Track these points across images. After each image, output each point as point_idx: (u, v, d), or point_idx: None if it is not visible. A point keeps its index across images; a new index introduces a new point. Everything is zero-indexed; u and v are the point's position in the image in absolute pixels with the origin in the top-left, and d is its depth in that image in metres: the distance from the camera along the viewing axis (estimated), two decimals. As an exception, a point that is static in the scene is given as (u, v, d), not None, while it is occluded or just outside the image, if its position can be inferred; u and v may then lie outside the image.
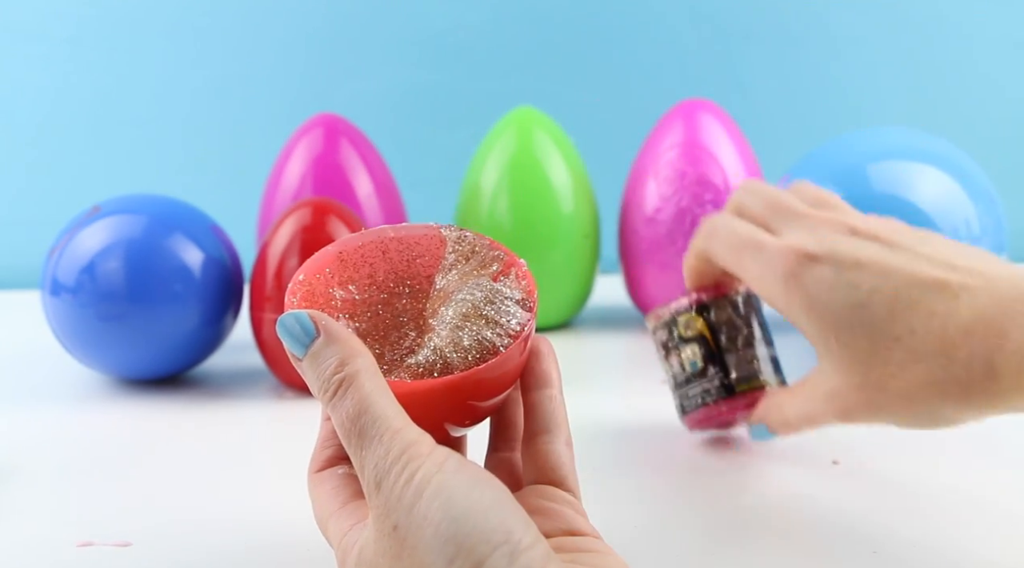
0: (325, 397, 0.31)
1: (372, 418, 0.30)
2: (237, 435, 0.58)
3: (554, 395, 0.37)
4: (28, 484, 0.51)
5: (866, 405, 0.40)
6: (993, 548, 0.42)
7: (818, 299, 0.41)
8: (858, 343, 0.40)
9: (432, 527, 0.28)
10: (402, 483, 0.29)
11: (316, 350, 0.32)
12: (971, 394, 0.37)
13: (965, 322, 0.37)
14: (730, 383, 0.50)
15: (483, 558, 0.27)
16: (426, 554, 0.28)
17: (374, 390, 0.31)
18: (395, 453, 0.29)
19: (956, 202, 0.63)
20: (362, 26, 1.03)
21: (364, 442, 0.30)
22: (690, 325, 0.50)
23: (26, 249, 0.96)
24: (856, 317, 0.39)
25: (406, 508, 0.28)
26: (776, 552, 0.42)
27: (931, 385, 0.38)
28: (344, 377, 0.31)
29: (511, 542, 0.28)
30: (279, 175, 0.78)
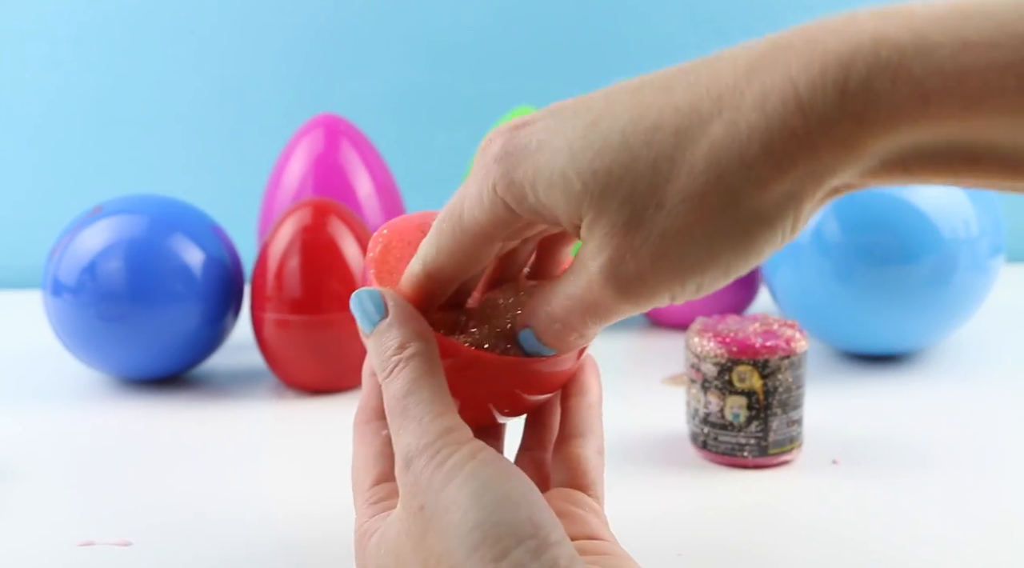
0: (383, 374, 0.32)
1: (417, 400, 0.31)
2: (237, 435, 0.58)
3: (592, 403, 0.38)
4: (28, 484, 0.51)
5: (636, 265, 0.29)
6: (992, 548, 0.42)
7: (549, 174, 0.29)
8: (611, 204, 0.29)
9: (460, 512, 0.28)
10: (433, 466, 0.29)
11: (382, 329, 0.32)
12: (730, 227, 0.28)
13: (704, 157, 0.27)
14: (766, 445, 0.50)
15: (508, 549, 0.27)
16: (450, 538, 0.28)
17: (425, 374, 0.31)
18: (431, 436, 0.30)
19: (955, 202, 0.63)
20: (362, 26, 1.03)
21: (403, 422, 0.30)
22: (745, 378, 0.49)
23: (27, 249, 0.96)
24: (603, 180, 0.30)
25: (435, 490, 0.29)
26: (776, 551, 0.42)
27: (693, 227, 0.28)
28: (401, 358, 0.31)
29: (538, 537, 0.27)
30: (279, 175, 0.78)
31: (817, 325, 0.67)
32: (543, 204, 0.29)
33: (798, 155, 0.25)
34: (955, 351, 0.71)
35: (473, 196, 0.31)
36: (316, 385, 0.64)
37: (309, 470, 0.52)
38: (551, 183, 0.28)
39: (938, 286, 0.63)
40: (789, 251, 0.66)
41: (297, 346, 0.62)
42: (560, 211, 0.29)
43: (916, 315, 0.64)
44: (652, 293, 0.29)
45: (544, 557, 0.27)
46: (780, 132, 0.25)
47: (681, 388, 0.63)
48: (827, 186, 0.27)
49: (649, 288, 0.28)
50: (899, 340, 0.66)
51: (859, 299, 0.64)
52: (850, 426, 0.57)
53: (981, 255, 0.63)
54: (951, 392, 0.63)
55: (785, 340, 0.49)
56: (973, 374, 0.66)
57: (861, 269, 0.63)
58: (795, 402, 0.50)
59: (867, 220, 0.63)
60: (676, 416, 0.57)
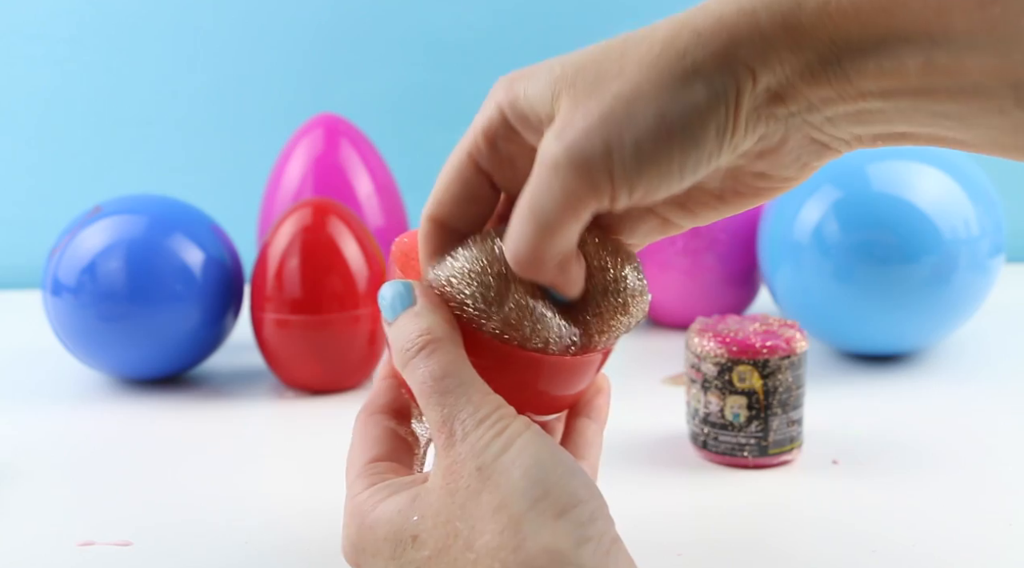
0: (407, 355, 0.32)
1: (458, 380, 0.31)
2: (237, 435, 0.58)
3: (598, 430, 0.38)
4: (28, 484, 0.51)
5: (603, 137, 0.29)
6: (992, 548, 0.42)
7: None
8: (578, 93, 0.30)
9: (521, 469, 0.29)
10: (492, 434, 0.30)
11: (408, 315, 0.33)
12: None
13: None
14: (766, 445, 0.50)
15: (569, 507, 0.29)
16: (511, 491, 0.29)
17: (460, 359, 0.32)
18: (486, 411, 0.31)
19: (956, 202, 0.63)
20: (362, 26, 1.03)
21: (448, 400, 0.31)
22: (745, 378, 0.49)
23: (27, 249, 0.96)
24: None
25: (494, 453, 0.30)
26: (776, 551, 0.42)
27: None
28: (430, 339, 0.32)
29: (593, 503, 0.29)
30: (279, 175, 0.78)
31: (817, 325, 0.67)
32: (529, 101, 0.31)
33: (742, 24, 0.28)
34: (955, 351, 0.71)
35: (473, 123, 0.33)
36: (316, 385, 0.64)
37: (309, 470, 0.52)
38: (538, 78, 0.31)
39: (938, 286, 0.62)
40: (789, 251, 0.66)
41: (297, 346, 0.62)
42: (539, 101, 0.31)
43: (916, 315, 0.64)
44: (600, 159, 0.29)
45: (599, 522, 0.29)
46: (731, 13, 0.28)
47: (681, 388, 0.63)
48: (770, 72, 0.28)
49: (596, 150, 0.29)
50: (899, 340, 0.66)
51: (859, 299, 0.64)
52: (850, 426, 0.57)
53: (981, 255, 0.63)
54: (951, 392, 0.63)
55: (785, 340, 0.49)
56: (973, 374, 0.66)
57: (861, 269, 0.63)
58: (795, 402, 0.50)
59: (867, 220, 0.63)
60: (676, 416, 0.57)
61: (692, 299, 0.75)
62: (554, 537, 0.28)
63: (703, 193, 0.33)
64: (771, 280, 0.70)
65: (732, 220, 0.74)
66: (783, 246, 0.67)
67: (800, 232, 0.65)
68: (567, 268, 0.32)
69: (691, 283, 0.75)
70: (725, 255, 0.74)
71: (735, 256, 0.74)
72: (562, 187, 0.29)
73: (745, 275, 0.75)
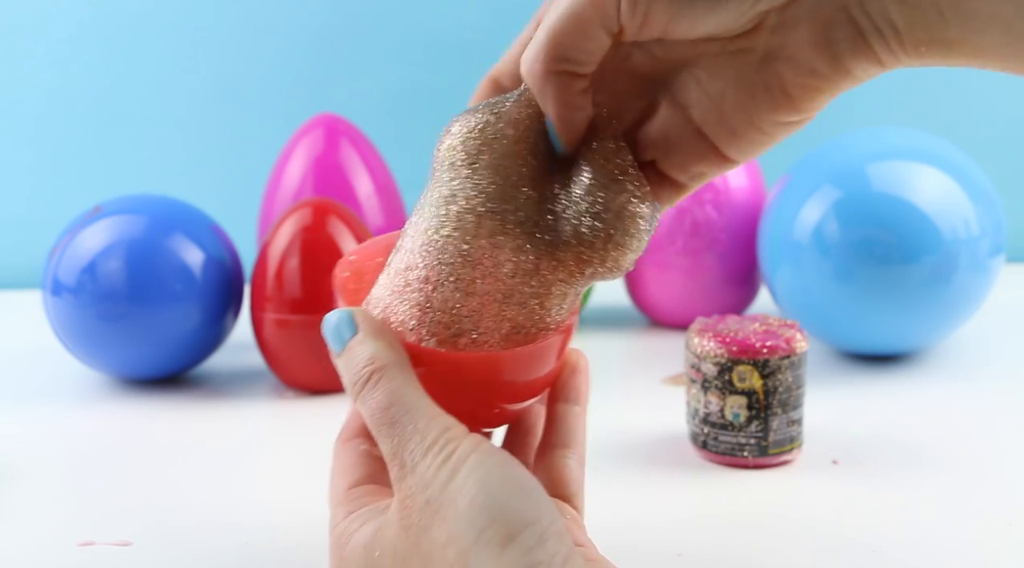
0: (354, 389, 0.32)
1: (404, 408, 0.31)
2: (237, 435, 0.58)
3: (580, 413, 0.38)
4: (28, 484, 0.51)
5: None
6: (993, 548, 0.42)
7: None
8: None
9: (466, 498, 0.28)
10: (439, 462, 0.29)
11: (352, 345, 0.33)
12: None
13: None
14: (766, 445, 0.50)
15: (515, 533, 0.28)
16: (457, 523, 0.28)
17: (405, 383, 0.31)
18: (432, 437, 0.30)
19: (956, 202, 0.63)
20: (362, 26, 1.03)
21: (396, 430, 0.31)
22: (745, 378, 0.49)
23: (27, 249, 0.96)
24: None
25: (441, 484, 0.29)
26: (776, 551, 0.42)
27: None
28: (374, 370, 0.32)
29: (542, 523, 0.28)
30: (279, 175, 0.78)
31: (817, 325, 0.67)
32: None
33: None
34: (955, 351, 0.71)
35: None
36: (316, 385, 0.64)
37: (309, 470, 0.52)
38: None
39: (938, 286, 0.63)
40: (789, 251, 0.66)
41: (297, 346, 0.62)
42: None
43: (916, 315, 0.64)
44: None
45: (548, 544, 0.28)
46: None
47: (681, 388, 0.63)
48: None
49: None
50: (899, 340, 0.66)
51: (859, 299, 0.64)
52: (850, 426, 0.57)
53: (981, 255, 0.63)
54: (951, 392, 0.63)
55: (785, 340, 0.49)
56: (973, 374, 0.66)
57: (861, 269, 0.63)
58: (795, 402, 0.50)
59: (867, 220, 0.63)
60: (676, 416, 0.57)
61: (692, 299, 0.75)
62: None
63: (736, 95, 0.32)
64: (771, 280, 0.70)
65: (732, 220, 0.74)
66: (783, 246, 0.67)
67: (800, 232, 0.65)
68: (570, 95, 0.32)
69: (691, 283, 0.75)
70: (725, 255, 0.74)
71: (735, 256, 0.74)
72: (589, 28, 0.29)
73: (745, 275, 0.75)
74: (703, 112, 0.33)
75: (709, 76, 0.32)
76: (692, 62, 0.33)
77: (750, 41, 0.31)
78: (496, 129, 0.34)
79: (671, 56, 0.33)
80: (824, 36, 0.29)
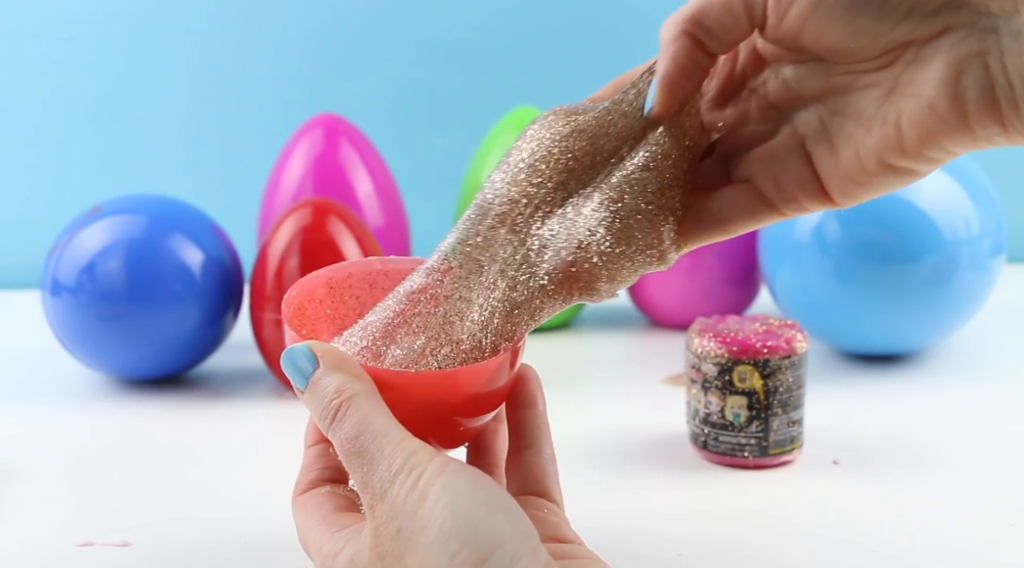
0: (325, 423, 0.32)
1: (371, 436, 0.31)
2: (237, 435, 0.58)
3: (539, 414, 0.38)
4: (28, 484, 0.51)
5: None
6: (993, 548, 0.42)
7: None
8: None
9: (436, 525, 0.28)
10: (407, 488, 0.29)
11: (316, 379, 0.32)
12: None
13: None
14: (767, 445, 0.50)
15: (486, 554, 0.27)
16: (429, 551, 0.28)
17: (372, 410, 0.31)
18: (399, 463, 0.30)
19: (956, 202, 0.63)
20: (362, 26, 1.03)
21: (364, 460, 0.30)
22: (746, 378, 0.49)
23: (26, 249, 0.96)
24: None
25: (410, 511, 0.29)
26: (777, 552, 0.42)
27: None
28: (342, 402, 0.31)
29: (514, 541, 0.28)
30: (279, 175, 0.78)
31: (817, 325, 0.67)
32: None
33: None
34: (955, 351, 0.71)
35: None
36: (316, 385, 0.64)
37: (309, 470, 0.52)
38: None
39: (938, 286, 0.62)
40: (789, 251, 0.66)
41: (297, 346, 0.62)
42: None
43: (916, 315, 0.64)
44: None
45: (522, 563, 0.28)
46: None
47: (681, 388, 0.63)
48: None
49: None
50: (899, 340, 0.66)
51: (859, 299, 0.64)
52: (850, 426, 0.57)
53: (982, 255, 0.63)
54: (951, 392, 0.63)
55: (785, 340, 0.49)
56: (973, 374, 0.66)
57: (861, 269, 0.63)
58: (795, 402, 0.50)
59: (867, 220, 0.63)
60: (676, 416, 0.57)
61: (692, 299, 0.75)
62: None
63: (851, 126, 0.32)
64: (771, 280, 0.70)
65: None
66: (783, 246, 0.67)
67: (800, 232, 0.65)
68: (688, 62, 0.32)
69: (691, 283, 0.75)
70: (725, 255, 0.74)
71: (735, 256, 0.74)
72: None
73: (745, 275, 0.75)
74: (815, 139, 0.33)
75: (834, 111, 0.33)
76: (823, 98, 0.33)
77: (883, 75, 0.31)
78: None
79: (805, 88, 0.33)
80: (954, 75, 0.29)
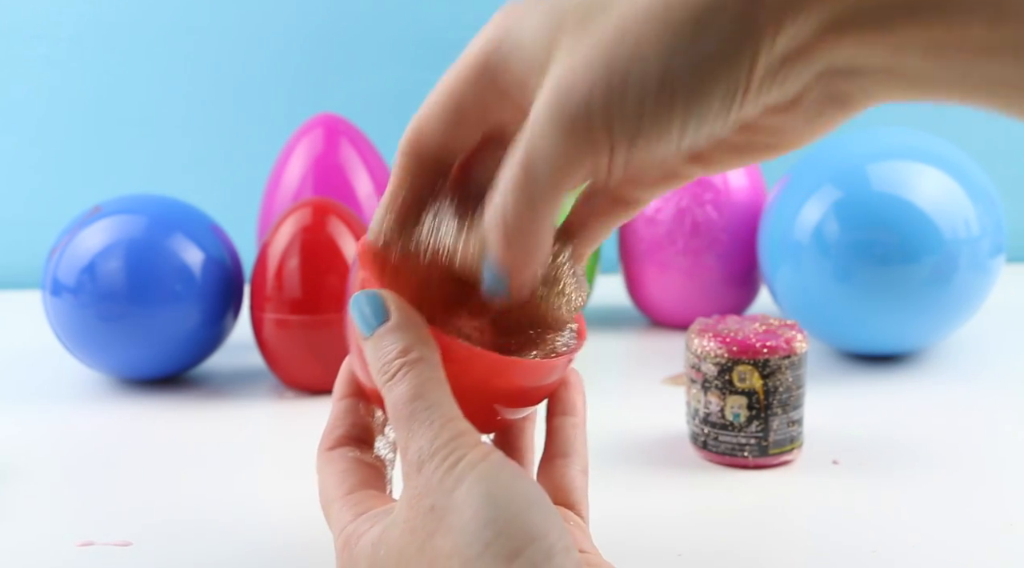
0: (383, 378, 0.32)
1: (425, 404, 0.30)
2: (237, 435, 0.58)
3: (577, 423, 0.38)
4: (28, 484, 0.51)
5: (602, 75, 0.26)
6: (993, 548, 0.42)
7: None
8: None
9: (472, 509, 0.28)
10: (446, 467, 0.29)
11: (383, 332, 0.32)
12: None
13: None
14: (767, 445, 0.50)
15: (521, 548, 0.27)
16: (462, 534, 0.28)
17: (431, 380, 0.31)
18: (443, 439, 0.30)
19: (956, 202, 0.63)
20: (362, 26, 1.03)
21: (413, 425, 0.30)
22: (746, 378, 0.49)
23: (27, 249, 0.96)
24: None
25: (447, 490, 0.29)
26: (776, 552, 0.42)
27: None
28: (405, 362, 0.31)
29: (550, 539, 0.28)
30: (279, 175, 0.78)
31: (817, 325, 0.67)
32: (523, 42, 0.29)
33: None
34: (955, 351, 0.71)
35: (466, 49, 0.31)
36: (316, 385, 0.64)
37: (309, 470, 0.52)
38: (534, 18, 0.28)
39: (938, 286, 0.62)
40: (789, 251, 0.66)
41: (297, 346, 0.62)
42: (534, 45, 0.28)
43: (916, 315, 0.64)
44: (600, 113, 0.26)
45: (555, 560, 0.27)
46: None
47: (681, 388, 0.63)
48: (797, 26, 0.24)
49: (596, 104, 0.26)
50: (899, 340, 0.66)
51: (859, 299, 0.64)
52: (850, 426, 0.57)
53: (982, 255, 0.63)
54: (951, 392, 0.63)
55: (785, 340, 0.49)
56: (973, 374, 0.66)
57: (861, 269, 0.63)
58: (795, 402, 0.50)
59: (867, 220, 0.63)
60: (676, 416, 0.57)
61: (692, 299, 0.75)
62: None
63: (713, 144, 0.30)
64: (771, 280, 0.70)
65: (732, 220, 0.74)
66: (783, 246, 0.67)
67: (800, 232, 0.65)
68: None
69: (691, 283, 0.75)
70: (725, 255, 0.74)
71: (735, 256, 0.74)
72: (560, 140, 0.27)
73: (745, 275, 0.75)
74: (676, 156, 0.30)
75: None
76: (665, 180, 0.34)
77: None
78: None
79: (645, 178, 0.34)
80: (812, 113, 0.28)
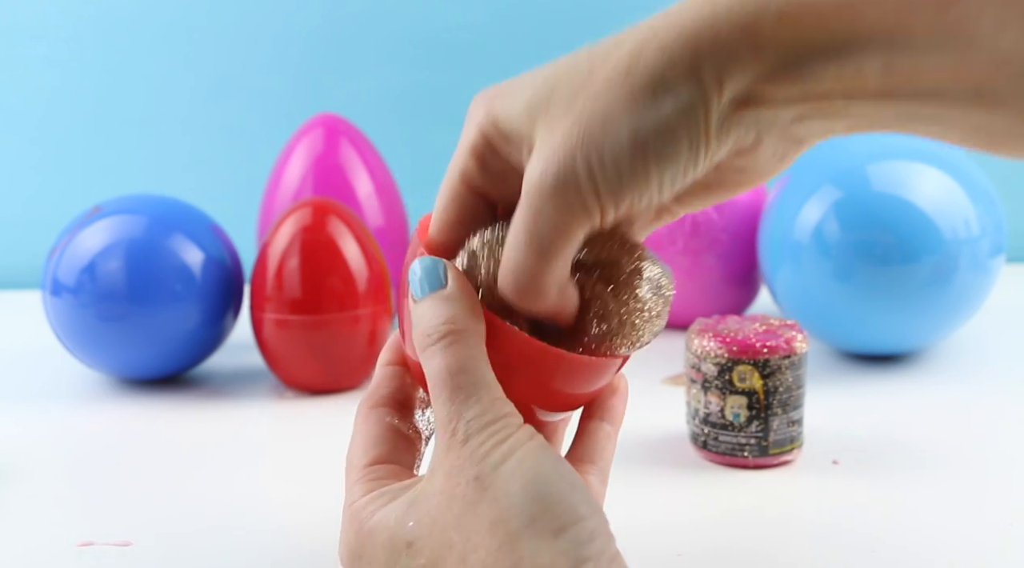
0: (428, 340, 0.32)
1: (473, 379, 0.31)
2: (237, 435, 0.58)
3: (611, 433, 0.38)
4: (28, 484, 0.51)
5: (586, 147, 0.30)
6: (993, 548, 0.42)
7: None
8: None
9: (520, 483, 0.29)
10: (493, 442, 0.30)
11: (436, 297, 0.32)
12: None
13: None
14: (767, 445, 0.50)
15: (566, 525, 0.28)
16: (509, 506, 0.28)
17: (479, 356, 0.31)
18: (491, 416, 0.30)
19: (956, 202, 0.63)
20: (362, 26, 1.03)
21: (458, 397, 0.31)
22: (746, 378, 0.49)
23: (27, 249, 0.96)
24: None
25: (494, 463, 0.29)
26: (777, 552, 0.42)
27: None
28: (454, 329, 0.31)
29: (594, 520, 0.29)
30: (279, 175, 0.78)
31: (817, 325, 0.67)
32: (508, 122, 0.31)
33: (704, 35, 0.28)
34: (955, 351, 0.71)
35: (459, 145, 0.33)
36: (316, 385, 0.64)
37: (309, 470, 0.52)
38: (514, 99, 0.31)
39: (938, 286, 0.62)
40: (789, 251, 0.66)
41: (297, 346, 0.62)
42: (517, 123, 0.31)
43: (916, 315, 0.64)
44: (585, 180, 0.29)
45: (598, 541, 0.28)
46: (692, 22, 0.28)
47: (681, 388, 0.63)
48: (736, 79, 0.28)
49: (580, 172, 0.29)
50: (899, 340, 0.66)
51: (859, 299, 0.64)
52: (850, 426, 0.57)
53: (982, 255, 0.63)
54: (951, 392, 0.63)
55: (785, 340, 0.49)
56: (973, 374, 0.66)
57: (861, 269, 0.63)
58: (795, 402, 0.50)
59: (867, 220, 0.63)
60: (676, 416, 0.57)
61: (692, 299, 0.75)
62: (552, 558, 0.28)
63: (692, 186, 0.33)
64: (771, 280, 0.70)
65: (732, 220, 0.74)
66: (783, 246, 0.67)
67: (800, 232, 0.65)
68: (565, 294, 0.32)
69: (691, 283, 0.75)
70: (725, 255, 0.74)
71: (735, 256, 0.74)
72: (555, 211, 0.30)
73: (745, 275, 0.75)
74: None
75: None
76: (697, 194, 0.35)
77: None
78: None
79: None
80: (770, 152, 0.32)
